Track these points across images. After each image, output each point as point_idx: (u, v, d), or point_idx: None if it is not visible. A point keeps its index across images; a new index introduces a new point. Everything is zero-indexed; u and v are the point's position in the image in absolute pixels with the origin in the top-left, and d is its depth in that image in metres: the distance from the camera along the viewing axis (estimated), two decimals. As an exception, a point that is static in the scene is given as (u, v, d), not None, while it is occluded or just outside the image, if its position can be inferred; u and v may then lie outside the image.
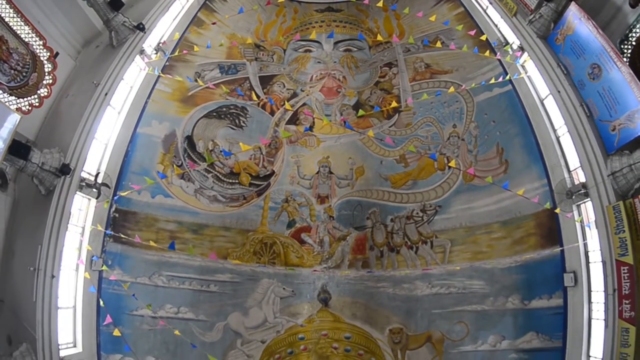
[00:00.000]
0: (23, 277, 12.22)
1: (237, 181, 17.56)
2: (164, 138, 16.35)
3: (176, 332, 14.58)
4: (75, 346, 13.93)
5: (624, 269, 11.06)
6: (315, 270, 17.47)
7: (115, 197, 14.63)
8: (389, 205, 17.85)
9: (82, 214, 14.03)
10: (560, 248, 13.76)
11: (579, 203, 13.24)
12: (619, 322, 11.17)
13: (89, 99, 13.52)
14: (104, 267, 14.12)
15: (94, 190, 13.81)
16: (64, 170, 12.46)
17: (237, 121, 17.70)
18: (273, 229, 17.86)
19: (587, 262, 13.25)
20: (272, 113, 18.17)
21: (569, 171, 13.65)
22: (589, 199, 12.59)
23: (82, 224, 14.05)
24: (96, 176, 14.11)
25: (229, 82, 17.46)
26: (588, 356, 13.13)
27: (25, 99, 12.26)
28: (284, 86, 18.56)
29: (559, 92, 13.28)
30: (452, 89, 15.64)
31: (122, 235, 14.41)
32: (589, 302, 13.16)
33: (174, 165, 16.28)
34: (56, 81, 13.10)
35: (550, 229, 14.12)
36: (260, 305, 16.92)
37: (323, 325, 16.99)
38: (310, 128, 18.18)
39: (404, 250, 17.28)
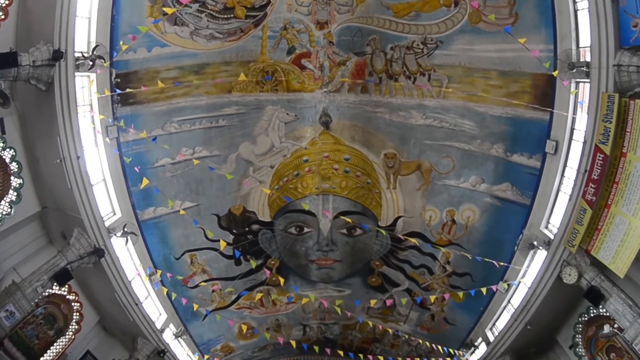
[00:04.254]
0: (53, 174, 13.00)
1: (232, 15, 15.93)
2: (147, -11, 14.57)
3: (195, 161, 16.12)
4: (115, 214, 15.73)
5: (599, 156, 11.71)
6: (316, 79, 17.61)
7: (115, 56, 14.06)
8: (389, 33, 16.56)
9: (86, 92, 13.82)
10: (550, 110, 13.96)
11: (578, 80, 12.91)
12: (580, 201, 12.50)
13: (57, -20, 11.87)
14: (121, 124, 14.72)
15: (90, 62, 13.14)
16: (57, 55, 11.79)
17: (224, -47, 15.20)
18: (273, 57, 17.06)
19: (571, 138, 13.79)
20: (262, -59, 15.39)
21: (577, 47, 12.70)
22: (588, 79, 12.21)
23: (89, 101, 14.03)
24: (94, 49, 13.19)
25: None
26: (548, 222, 14.92)
27: (-11, 17, 11.05)
28: None
29: (590, -37, 11.48)
30: None
31: (128, 90, 14.42)
32: (562, 174, 14.25)
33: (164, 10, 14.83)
34: (12, -15, 11.40)
35: (545, 94, 14.04)
36: (267, 132, 17.71)
37: (325, 148, 18.12)
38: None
39: (402, 79, 16.90)
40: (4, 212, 12.46)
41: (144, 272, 16.86)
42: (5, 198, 12.43)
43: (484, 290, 15.06)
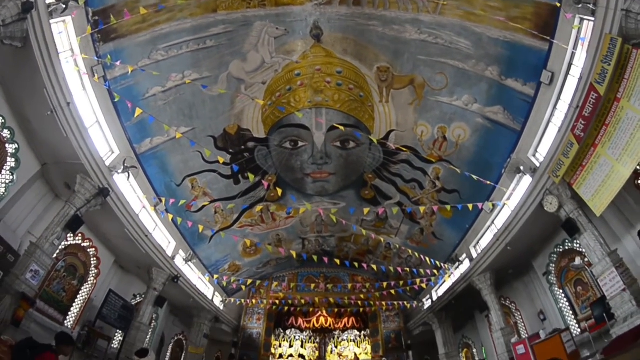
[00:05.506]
0: (47, 128, 12.47)
1: None
2: None
3: (187, 81, 15.47)
4: (113, 152, 15.51)
5: (593, 95, 11.41)
6: None
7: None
8: (383, -57, 14.59)
9: (64, 37, 12.63)
10: (550, 40, 12.90)
11: (582, 17, 11.82)
12: (569, 134, 12.48)
13: None
14: (107, 59, 13.74)
15: (63, 5, 11.87)
16: (27, 7, 10.66)
17: None
18: (258, -31, 15.31)
19: (567, 72, 13.20)
20: None
21: (586, -17, 11.42)
22: (593, 18, 11.27)
23: (69, 46, 12.88)
24: (67, -10, 11.91)
25: None
26: (536, 150, 14.94)
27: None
28: None
29: None
30: None
31: (112, 20, 13.14)
32: (554, 106, 13.93)
33: None
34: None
35: (546, 24, 12.83)
36: (257, 48, 16.38)
37: (316, 61, 16.97)
38: None
39: (398, -7, 15.45)
40: (7, 181, 12.32)
41: (148, 204, 17.18)
42: (4, 167, 12.18)
43: (470, 206, 15.50)
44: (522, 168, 14.87)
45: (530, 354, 12.78)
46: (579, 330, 14.88)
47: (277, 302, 28.77)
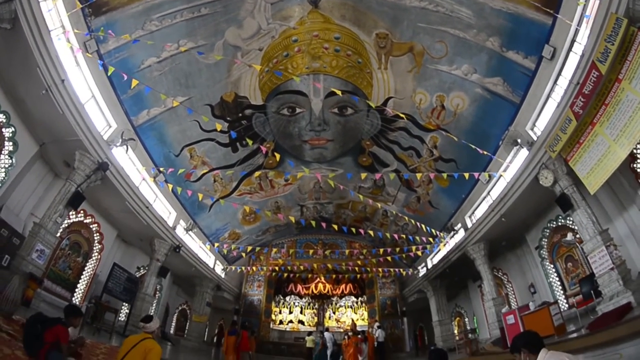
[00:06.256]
0: (43, 107, 12.36)
1: None
2: None
3: (182, 49, 15.05)
4: (110, 126, 15.36)
5: (594, 73, 11.26)
6: None
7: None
8: None
9: (54, 14, 12.20)
10: (555, 15, 12.47)
11: (588, -7, 11.32)
12: (568, 110, 12.39)
13: None
14: (100, 32, 13.29)
15: (52, -21, 11.44)
16: None
17: None
18: None
19: (570, 48, 12.88)
20: None
21: (594, -41, 10.84)
22: (598, -4, 10.86)
23: (60, 23, 12.44)
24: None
25: None
26: (534, 124, 14.80)
27: None
28: None
29: None
30: None
31: None
32: (555, 81, 13.72)
33: None
34: None
35: (551, -3, 12.43)
36: (253, 15, 15.80)
37: (314, 27, 16.48)
38: None
39: (396, -43, 14.59)
40: (7, 165, 12.28)
41: (148, 175, 17.16)
42: (3, 151, 12.11)
43: (466, 175, 15.50)
44: (519, 141, 14.80)
45: (520, 324, 13.25)
46: (566, 305, 15.35)
47: (277, 268, 29.48)
